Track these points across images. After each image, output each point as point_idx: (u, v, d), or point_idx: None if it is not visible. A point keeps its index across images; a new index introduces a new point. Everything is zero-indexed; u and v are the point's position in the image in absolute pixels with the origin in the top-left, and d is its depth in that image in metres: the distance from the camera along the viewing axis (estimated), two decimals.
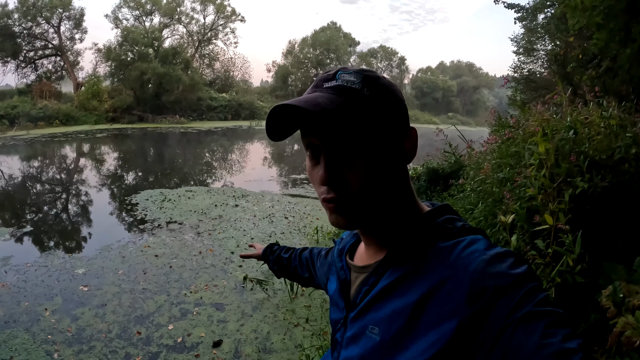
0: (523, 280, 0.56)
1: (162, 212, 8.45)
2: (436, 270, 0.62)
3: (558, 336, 0.50)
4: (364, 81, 0.66)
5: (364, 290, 0.71)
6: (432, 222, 0.69)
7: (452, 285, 0.59)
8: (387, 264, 0.69)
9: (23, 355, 3.73)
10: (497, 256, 0.60)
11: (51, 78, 32.69)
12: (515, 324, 0.52)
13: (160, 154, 19.12)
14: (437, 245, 0.65)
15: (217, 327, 4.22)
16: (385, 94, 0.67)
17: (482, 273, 0.58)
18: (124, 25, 35.29)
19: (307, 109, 0.60)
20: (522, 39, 11.09)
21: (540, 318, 0.52)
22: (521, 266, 0.59)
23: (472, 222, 3.12)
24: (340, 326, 0.75)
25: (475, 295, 0.57)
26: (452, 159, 6.33)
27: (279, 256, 1.38)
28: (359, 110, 0.64)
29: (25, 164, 15.44)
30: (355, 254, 0.82)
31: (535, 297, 0.55)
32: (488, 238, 0.67)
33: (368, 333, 0.67)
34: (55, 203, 10.01)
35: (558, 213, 2.07)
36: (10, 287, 5.02)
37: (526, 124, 2.95)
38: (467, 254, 0.61)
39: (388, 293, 0.67)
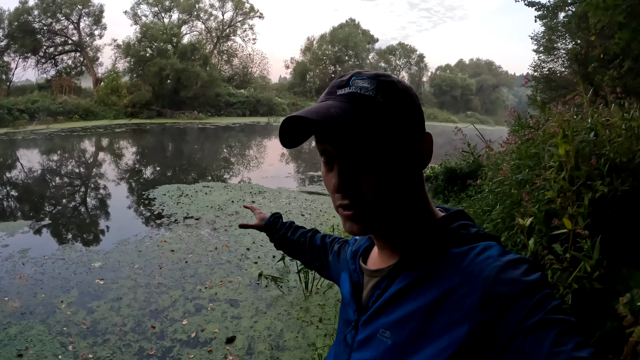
0: (536, 288, 0.56)
1: (179, 207, 8.52)
2: (449, 275, 0.63)
3: (569, 344, 0.50)
4: (378, 87, 0.65)
5: (377, 294, 0.71)
6: (445, 227, 0.69)
7: (464, 291, 0.60)
8: (400, 268, 0.69)
9: (38, 347, 3.80)
10: (510, 263, 0.60)
11: (71, 73, 33.14)
12: (526, 331, 0.52)
13: (179, 149, 19.29)
14: (451, 251, 0.65)
15: (230, 323, 4.25)
16: (400, 100, 0.67)
17: (495, 279, 0.58)
18: (143, 21, 35.69)
19: (318, 121, 0.61)
20: (543, 38, 10.90)
21: (552, 326, 0.52)
22: (534, 273, 0.58)
23: (490, 224, 3.08)
24: (352, 328, 0.75)
25: (488, 301, 0.57)
26: (471, 159, 6.26)
27: (285, 237, 1.35)
28: (372, 119, 0.63)
29: (44, 158, 15.73)
30: (369, 258, 0.82)
31: (547, 305, 0.54)
32: (502, 244, 0.67)
33: (379, 337, 0.67)
34: (74, 197, 10.19)
35: (577, 217, 2.02)
36: (27, 279, 5.12)
37: (546, 125, 2.89)
38: (480, 260, 0.62)
39: (400, 297, 0.67)
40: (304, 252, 1.29)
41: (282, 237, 1.36)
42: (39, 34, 31.36)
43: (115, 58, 34.70)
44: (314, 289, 4.91)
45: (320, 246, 1.23)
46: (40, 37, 31.58)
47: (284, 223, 1.40)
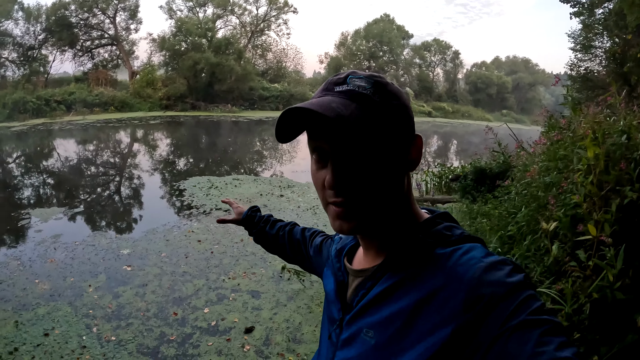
0: (519, 289, 0.57)
1: (208, 199, 8.67)
2: (433, 276, 0.63)
3: (552, 344, 0.50)
4: (375, 87, 0.66)
5: (361, 293, 0.72)
6: (430, 229, 0.70)
7: (448, 292, 0.60)
8: (384, 268, 0.69)
9: (64, 327, 3.97)
10: (494, 264, 0.60)
11: (107, 66, 33.90)
12: (509, 332, 0.53)
13: (211, 141, 19.58)
14: (435, 252, 0.65)
15: (250, 313, 4.30)
16: (394, 101, 0.67)
17: (479, 281, 0.58)
18: (178, 16, 36.21)
19: (324, 115, 0.60)
20: (580, 35, 10.48)
21: (535, 327, 0.52)
22: (518, 274, 0.59)
23: (514, 227, 3.00)
24: (336, 327, 0.75)
25: (471, 302, 0.57)
26: (501, 159, 6.11)
27: (263, 231, 1.33)
28: (370, 117, 0.63)
29: (80, 148, 16.24)
30: (354, 258, 0.82)
31: (530, 306, 0.55)
32: (486, 246, 0.68)
33: (363, 336, 0.68)
34: (107, 186, 10.49)
35: (603, 223, 1.95)
36: (58, 263, 5.32)
37: (576, 126, 2.79)
38: (464, 261, 0.62)
39: (384, 297, 0.67)
40: (283, 246, 1.28)
41: (260, 231, 1.35)
42: (75, 28, 32.11)
43: (150, 52, 35.33)
44: None
45: (300, 240, 1.23)
46: (77, 31, 32.34)
47: (262, 216, 1.38)
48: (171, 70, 33.73)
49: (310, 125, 0.67)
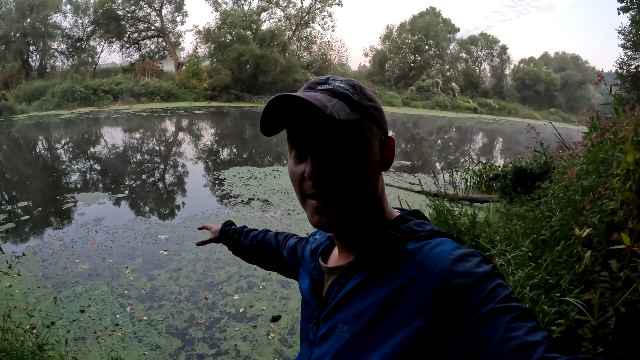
0: (487, 278, 0.59)
1: (247, 188, 8.81)
2: (404, 270, 0.64)
3: (522, 330, 0.52)
4: (353, 88, 0.70)
5: (336, 289, 0.73)
6: (401, 225, 0.72)
7: (419, 284, 0.61)
8: (358, 264, 0.71)
9: (100, 305, 4.18)
10: (462, 256, 0.62)
11: (153, 57, 34.83)
12: (480, 319, 0.55)
13: (254, 132, 19.82)
14: (406, 247, 0.67)
15: (279, 302, 4.37)
16: (369, 102, 0.71)
17: (448, 272, 0.60)
18: (223, 8, 36.74)
19: (312, 103, 0.62)
20: (630, 32, 9.83)
21: (504, 313, 0.54)
22: (486, 265, 0.61)
23: (547, 231, 2.89)
24: (313, 325, 0.77)
25: (442, 293, 0.59)
26: (542, 159, 5.89)
27: (239, 243, 1.34)
28: (350, 113, 0.66)
29: (125, 135, 16.83)
30: (329, 257, 0.84)
31: (499, 294, 0.57)
32: (457, 241, 0.69)
33: (338, 331, 0.69)
34: (150, 173, 10.82)
35: (638, 233, 1.85)
36: (98, 245, 5.57)
37: (618, 128, 2.65)
38: (433, 254, 0.64)
39: (357, 292, 0.69)
40: (259, 255, 1.29)
41: (235, 244, 1.35)
42: (122, 21, 33.10)
43: (196, 43, 35.98)
44: None
45: (274, 245, 1.23)
46: (124, 24, 33.34)
47: (236, 229, 1.38)
48: (216, 62, 34.29)
49: (293, 118, 0.68)
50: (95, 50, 32.61)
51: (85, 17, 31.44)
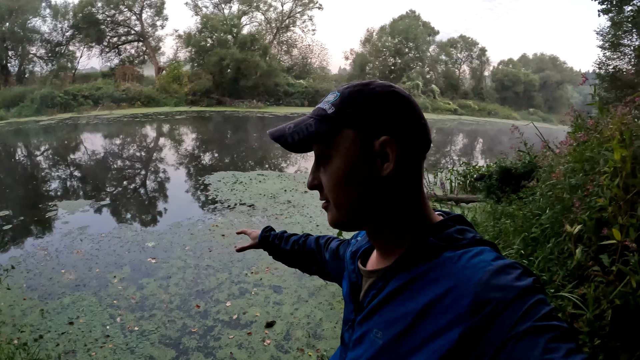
0: (527, 294, 0.56)
1: (233, 193, 8.78)
2: (441, 279, 0.63)
3: (560, 351, 0.50)
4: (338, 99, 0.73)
5: (372, 294, 0.73)
6: (441, 231, 0.70)
7: (455, 295, 0.60)
8: (395, 269, 0.70)
9: (89, 316, 4.10)
10: (502, 268, 0.60)
11: (134, 62, 34.60)
12: (517, 337, 0.53)
13: (237, 137, 19.73)
14: (444, 255, 0.66)
15: (272, 308, 4.36)
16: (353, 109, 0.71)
17: (486, 284, 0.58)
18: (204, 12, 36.60)
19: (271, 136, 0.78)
20: (608, 33, 10.14)
21: (543, 332, 0.52)
22: (527, 278, 0.59)
23: (538, 229, 2.96)
24: (349, 327, 0.77)
25: (478, 306, 0.57)
26: (527, 159, 6.00)
27: (279, 249, 1.35)
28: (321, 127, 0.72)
29: (106, 142, 16.60)
30: (369, 260, 0.83)
31: (539, 311, 0.55)
32: (498, 250, 0.68)
33: (372, 336, 0.69)
34: (133, 179, 10.71)
35: (628, 228, 1.91)
36: (83, 254, 5.48)
37: (603, 127, 2.74)
38: (472, 264, 0.62)
39: (393, 298, 0.68)
40: (300, 259, 1.30)
41: (276, 249, 1.36)
42: (102, 25, 32.79)
43: (176, 48, 35.84)
44: None
45: (315, 249, 1.24)
46: (103, 28, 33.03)
47: (276, 234, 1.38)
48: (197, 66, 34.15)
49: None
50: (74, 55, 32.34)
51: (64, 21, 31.18)
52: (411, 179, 0.72)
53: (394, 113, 0.70)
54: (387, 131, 0.69)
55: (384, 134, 0.69)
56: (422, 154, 0.73)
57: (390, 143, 0.69)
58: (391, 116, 0.70)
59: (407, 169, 0.71)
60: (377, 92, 0.71)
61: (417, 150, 0.72)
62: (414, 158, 0.72)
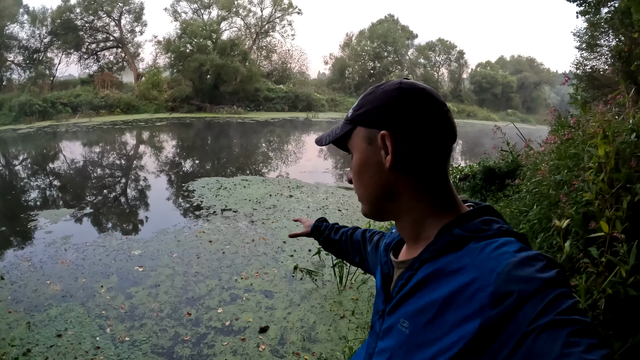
0: (550, 286, 0.56)
1: (218, 199, 8.74)
2: (465, 270, 0.64)
3: (581, 346, 0.50)
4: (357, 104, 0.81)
5: (400, 284, 0.74)
6: (467, 222, 0.71)
7: (478, 286, 0.60)
8: (421, 260, 0.72)
9: (77, 328, 4.02)
10: (526, 259, 0.60)
11: (112, 69, 34.29)
12: (538, 330, 0.53)
13: (218, 143, 19.64)
14: (470, 245, 0.67)
15: (264, 313, 4.36)
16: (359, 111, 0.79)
17: (509, 275, 0.58)
18: (183, 18, 36.46)
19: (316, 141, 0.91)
20: (585, 34, 10.49)
21: (564, 326, 0.52)
22: (550, 270, 0.59)
23: (526, 224, 3.04)
24: (379, 317, 0.79)
25: (500, 297, 0.57)
26: (509, 158, 6.13)
27: (329, 238, 1.41)
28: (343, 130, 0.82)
29: (86, 150, 16.38)
30: (400, 252, 0.85)
31: (561, 304, 0.54)
32: (525, 241, 0.68)
33: (399, 326, 0.70)
34: (115, 187, 10.59)
35: (615, 220, 1.98)
36: (69, 264, 5.39)
37: (586, 125, 2.83)
38: (495, 255, 0.62)
39: (419, 288, 0.69)
40: (346, 250, 1.34)
41: (326, 239, 1.42)
42: (81, 31, 32.52)
43: (155, 54, 35.79)
44: (348, 283, 4.97)
45: (360, 240, 1.29)
46: (82, 34, 32.75)
47: (328, 224, 1.46)
48: (177, 72, 33.96)
49: None
50: (53, 62, 31.92)
51: (42, 28, 30.77)
52: (425, 170, 0.74)
53: (395, 108, 0.73)
54: (386, 126, 0.74)
55: (384, 129, 0.74)
56: (437, 145, 0.74)
57: (387, 137, 0.73)
58: (392, 111, 0.74)
59: (416, 160, 0.73)
60: (384, 90, 0.76)
61: (428, 142, 0.73)
62: (424, 149, 0.73)
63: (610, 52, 8.95)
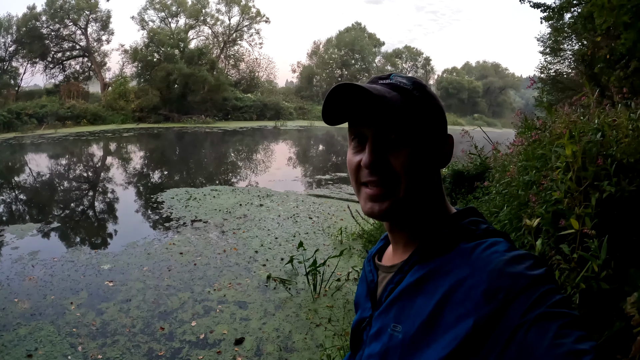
0: (539, 282, 0.58)
1: (188, 210, 8.59)
2: (457, 270, 0.64)
3: (571, 337, 0.52)
4: (414, 85, 0.74)
5: (389, 288, 0.74)
6: (457, 223, 0.72)
7: (470, 284, 0.61)
8: (412, 262, 0.72)
9: (48, 347, 3.85)
10: (515, 257, 0.61)
11: (79, 78, 33.63)
12: (529, 323, 0.54)
13: (186, 153, 19.38)
14: (460, 246, 0.68)
15: (239, 324, 4.27)
16: (430, 100, 0.74)
17: (500, 273, 0.60)
18: (150, 26, 36.00)
19: (370, 91, 0.66)
20: (549, 39, 10.92)
21: (554, 319, 0.54)
22: (539, 268, 0.60)
23: (497, 225, 3.08)
24: (366, 325, 0.77)
25: (492, 294, 0.58)
26: (478, 161, 6.25)
27: None
28: (410, 106, 0.70)
29: (53, 162, 15.89)
30: (384, 256, 0.85)
31: (550, 299, 0.56)
32: (511, 241, 0.69)
33: (390, 330, 0.69)
34: (82, 200, 10.29)
35: (584, 217, 2.03)
36: (37, 281, 5.18)
37: (553, 126, 2.90)
38: (486, 254, 0.64)
39: (411, 291, 0.69)
40: None
41: None
42: (47, 40, 31.86)
43: (122, 63, 35.12)
44: (322, 290, 4.94)
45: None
46: (48, 43, 32.07)
47: None
48: (144, 82, 33.53)
49: (354, 108, 0.72)
50: (17, 72, 30.99)
51: (7, 36, 29.92)
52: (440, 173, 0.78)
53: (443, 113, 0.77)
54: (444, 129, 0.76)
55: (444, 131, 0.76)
56: None
57: (451, 140, 0.76)
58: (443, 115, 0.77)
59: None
60: (432, 92, 0.76)
61: None
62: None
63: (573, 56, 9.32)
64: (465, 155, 6.72)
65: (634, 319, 1.64)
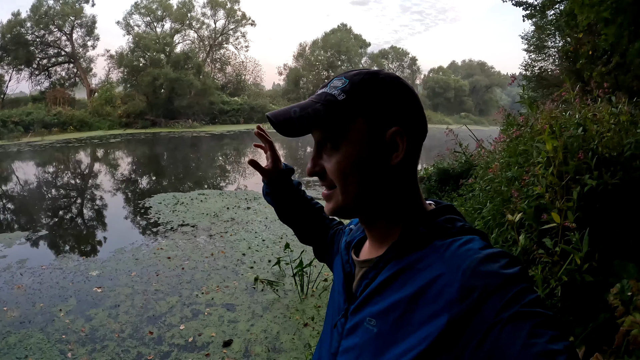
0: (514, 281, 0.58)
1: (175, 215, 8.53)
2: (431, 266, 0.64)
3: (545, 337, 0.52)
4: (347, 86, 0.72)
5: (364, 283, 0.73)
6: (432, 220, 0.71)
7: (444, 281, 0.61)
8: (386, 258, 0.71)
9: (38, 354, 3.81)
10: (490, 256, 0.61)
11: (64, 85, 33.12)
12: (503, 322, 0.54)
13: (173, 158, 19.27)
14: (435, 243, 0.67)
15: (227, 327, 4.26)
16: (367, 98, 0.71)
17: (474, 271, 0.59)
18: (136, 31, 35.70)
19: (271, 120, 0.71)
20: (533, 37, 11.03)
21: (528, 318, 0.54)
22: (514, 267, 0.60)
23: (481, 221, 3.10)
24: (342, 317, 0.77)
25: (466, 292, 0.58)
26: (463, 159, 6.29)
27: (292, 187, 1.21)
28: (333, 114, 0.70)
29: (40, 170, 15.67)
30: (362, 250, 0.84)
31: (524, 298, 0.56)
32: (487, 239, 0.69)
33: (365, 325, 0.69)
34: (70, 207, 10.16)
35: (566, 211, 2.04)
36: (25, 289, 5.12)
37: (534, 122, 2.93)
38: (461, 252, 0.63)
39: (386, 287, 0.69)
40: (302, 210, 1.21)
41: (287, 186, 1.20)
42: (32, 46, 31.35)
43: (108, 69, 34.78)
44: (310, 291, 4.93)
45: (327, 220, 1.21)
46: (33, 49, 31.56)
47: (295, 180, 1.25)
48: (130, 87, 33.22)
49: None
50: (2, 79, 30.41)
51: None
52: (412, 169, 0.75)
53: (402, 103, 0.72)
54: (397, 121, 0.71)
55: (395, 124, 0.71)
56: (422, 143, 0.76)
57: (401, 134, 0.71)
58: (400, 106, 0.72)
59: (412, 158, 0.74)
60: (387, 82, 0.73)
61: (420, 141, 0.75)
62: (417, 148, 0.75)
63: (557, 53, 9.45)
64: (451, 154, 6.77)
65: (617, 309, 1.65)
